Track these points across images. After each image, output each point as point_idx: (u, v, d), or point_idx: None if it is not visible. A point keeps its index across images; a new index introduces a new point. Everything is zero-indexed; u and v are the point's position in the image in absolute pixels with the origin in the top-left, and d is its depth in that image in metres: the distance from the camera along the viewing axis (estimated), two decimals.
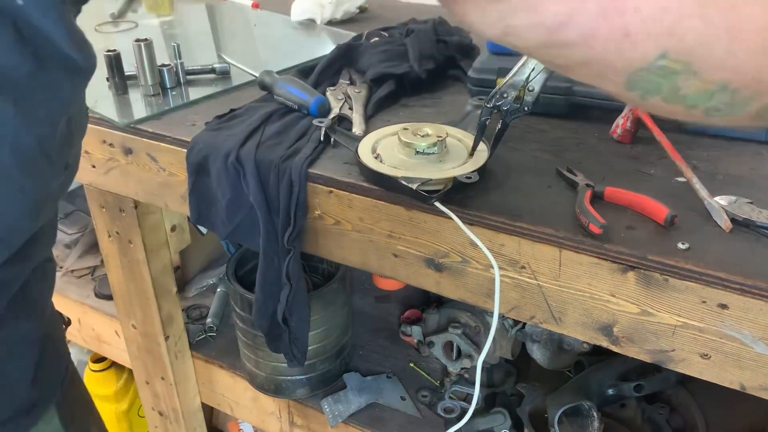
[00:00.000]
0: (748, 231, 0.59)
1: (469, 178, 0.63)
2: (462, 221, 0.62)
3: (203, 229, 1.13)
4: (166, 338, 1.01)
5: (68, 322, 0.65)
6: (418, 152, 0.68)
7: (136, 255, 0.94)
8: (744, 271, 0.54)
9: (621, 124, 0.75)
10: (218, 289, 1.16)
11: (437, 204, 0.63)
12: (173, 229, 0.96)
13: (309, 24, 1.17)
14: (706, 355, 0.58)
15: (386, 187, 0.66)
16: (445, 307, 1.00)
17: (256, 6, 1.27)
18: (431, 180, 0.63)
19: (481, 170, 0.66)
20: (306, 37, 1.13)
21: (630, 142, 0.75)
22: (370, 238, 0.70)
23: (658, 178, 0.68)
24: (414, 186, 0.62)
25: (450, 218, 0.63)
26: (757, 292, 0.53)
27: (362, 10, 1.21)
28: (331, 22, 1.17)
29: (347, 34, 1.09)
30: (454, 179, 0.63)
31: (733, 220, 0.59)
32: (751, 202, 0.61)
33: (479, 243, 0.62)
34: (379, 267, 0.72)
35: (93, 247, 1.28)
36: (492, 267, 0.63)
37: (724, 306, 0.55)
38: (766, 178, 0.68)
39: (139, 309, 1.00)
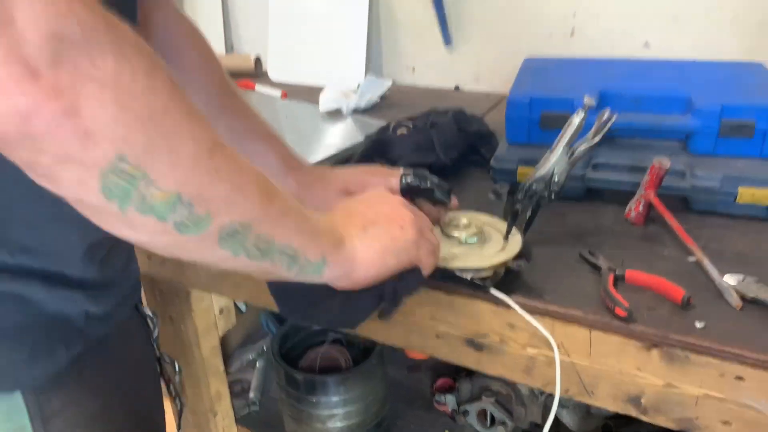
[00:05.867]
0: (758, 308, 0.66)
1: (519, 265, 0.71)
2: (499, 305, 0.70)
3: (242, 307, 1.21)
4: (215, 415, 1.07)
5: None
6: (461, 241, 0.75)
7: (189, 337, 1.01)
8: (756, 346, 0.61)
9: (634, 207, 0.83)
10: (257, 364, 1.22)
11: (494, 291, 0.70)
12: (221, 311, 1.04)
13: (336, 113, 1.26)
14: (728, 422, 0.64)
15: (441, 278, 0.72)
16: (477, 375, 1.06)
17: (284, 95, 1.37)
18: (483, 269, 0.70)
19: (523, 254, 0.73)
20: (334, 126, 1.23)
21: (643, 224, 0.83)
22: (413, 320, 0.78)
23: (671, 258, 0.76)
24: (469, 277, 0.70)
25: (488, 302, 0.70)
26: (764, 365, 0.60)
27: (383, 98, 1.31)
28: (356, 111, 1.27)
29: (373, 123, 1.18)
30: (505, 267, 0.71)
31: (742, 299, 0.67)
32: (758, 281, 0.68)
33: (540, 328, 0.68)
34: (422, 347, 0.79)
35: None
36: (530, 346, 0.70)
37: (740, 378, 0.62)
38: None
39: (189, 388, 1.06)
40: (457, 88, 1.43)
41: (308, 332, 1.06)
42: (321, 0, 1.44)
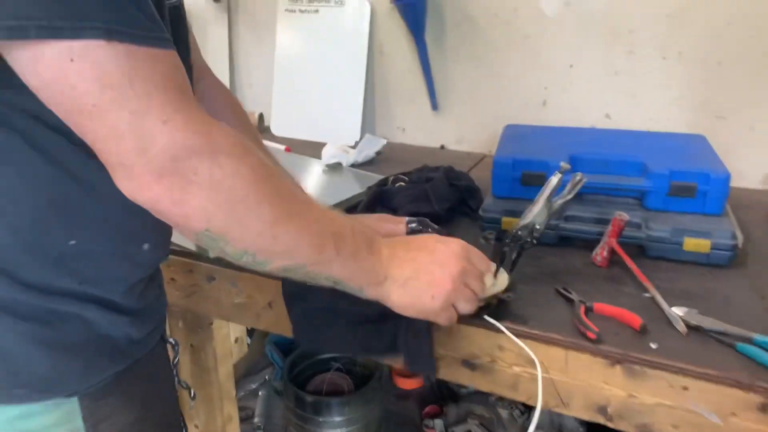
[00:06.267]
0: (699, 334, 0.82)
1: (509, 296, 0.85)
2: (490, 330, 0.84)
3: (247, 340, 1.32)
4: None
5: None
6: None
7: (208, 363, 1.12)
8: (698, 362, 0.76)
9: (599, 252, 0.99)
10: (260, 393, 1.33)
11: (488, 318, 0.85)
12: (236, 340, 1.16)
13: (336, 166, 1.42)
14: (677, 425, 0.79)
15: None
16: (463, 401, 1.19)
17: (288, 149, 1.52)
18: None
19: (510, 290, 0.88)
20: (334, 178, 1.38)
21: (607, 267, 0.99)
22: None
23: (631, 294, 0.91)
24: None
25: (481, 327, 0.85)
26: (708, 378, 0.75)
27: (378, 153, 1.47)
28: (354, 165, 1.42)
29: (370, 176, 1.34)
30: (497, 299, 0.85)
31: (687, 326, 0.82)
32: (699, 312, 0.84)
33: (526, 348, 0.81)
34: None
35: None
36: (517, 365, 0.84)
37: (686, 388, 0.77)
38: (709, 291, 0.92)
39: (203, 411, 1.16)
40: (442, 147, 1.60)
41: (313, 361, 1.18)
42: (322, 65, 1.61)
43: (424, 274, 0.76)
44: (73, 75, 0.54)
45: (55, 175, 0.65)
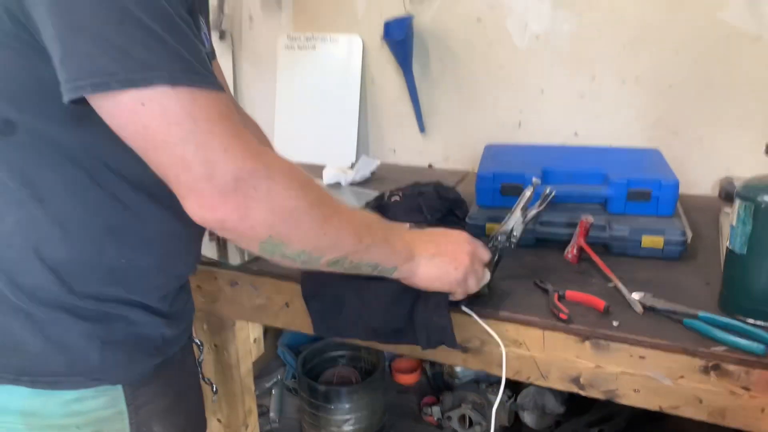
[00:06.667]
0: (654, 313, 0.98)
1: (485, 291, 1.01)
2: (479, 316, 0.99)
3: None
4: (246, 428, 1.31)
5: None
6: None
7: (230, 361, 1.26)
8: (652, 335, 0.92)
9: (570, 251, 1.16)
10: (273, 392, 1.47)
11: (464, 308, 1.00)
12: (254, 340, 1.30)
13: (336, 185, 1.57)
14: (637, 390, 0.94)
15: None
16: (457, 390, 1.34)
17: None
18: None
19: (490, 285, 1.04)
20: (337, 196, 1.52)
21: (577, 263, 1.15)
22: None
23: (597, 284, 1.07)
24: (452, 298, 0.99)
25: (471, 316, 1.00)
26: (661, 347, 0.91)
27: (373, 173, 1.64)
28: (352, 183, 1.58)
29: (367, 192, 1.50)
30: (477, 293, 1.01)
31: (644, 307, 0.98)
32: (654, 296, 1.01)
33: (488, 329, 0.98)
34: (423, 352, 1.07)
35: None
36: (500, 346, 1.00)
37: (643, 357, 0.92)
38: (663, 280, 1.07)
39: (226, 405, 1.30)
40: (430, 166, 1.77)
41: (323, 358, 1.32)
42: (320, 95, 1.77)
43: (445, 251, 0.92)
44: (145, 117, 0.65)
45: (112, 205, 0.79)
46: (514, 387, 1.41)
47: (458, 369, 1.41)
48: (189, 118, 0.66)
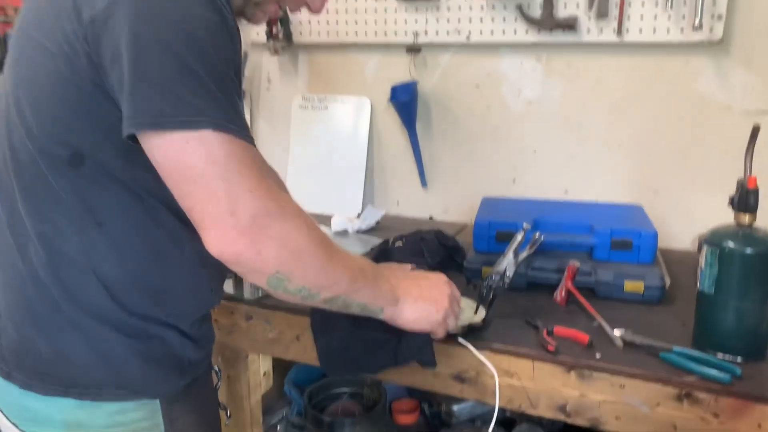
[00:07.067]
0: (633, 347, 1.08)
1: (480, 325, 1.11)
2: (474, 348, 1.09)
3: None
4: None
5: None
6: None
7: (241, 392, 1.35)
8: (631, 366, 1.02)
9: (559, 293, 1.26)
10: (278, 428, 1.54)
11: (460, 339, 1.10)
12: (264, 374, 1.39)
13: (343, 233, 1.69)
14: (618, 417, 1.03)
15: None
16: (454, 428, 1.42)
17: None
18: (458, 326, 1.10)
19: (485, 320, 1.14)
20: (344, 242, 1.65)
21: (565, 305, 1.26)
22: (416, 364, 1.16)
23: (583, 323, 1.17)
24: (450, 331, 1.09)
25: (467, 348, 1.10)
26: (639, 377, 1.01)
27: (378, 222, 1.76)
28: (358, 231, 1.70)
29: (372, 240, 1.61)
30: (469, 325, 1.11)
31: (624, 342, 1.08)
32: (633, 332, 1.11)
33: (484, 359, 1.08)
34: (423, 383, 1.16)
35: None
36: (495, 376, 1.09)
37: (623, 386, 1.02)
38: (643, 320, 1.17)
39: None
40: (430, 217, 1.89)
41: (328, 393, 1.41)
42: (330, 150, 1.91)
43: (428, 295, 1.02)
44: (188, 153, 0.76)
45: (159, 234, 0.90)
46: (508, 425, 1.48)
47: (455, 408, 1.49)
48: (225, 160, 0.77)
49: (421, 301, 1.01)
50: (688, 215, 1.61)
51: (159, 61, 0.75)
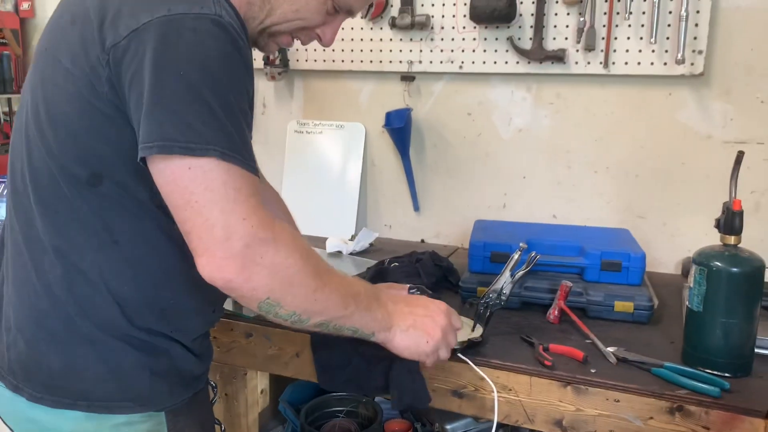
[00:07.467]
0: (625, 363, 1.12)
1: (479, 340, 1.15)
2: (473, 363, 1.12)
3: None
4: None
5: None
6: None
7: (239, 410, 1.36)
8: (623, 380, 1.06)
9: (552, 312, 1.30)
10: None
11: (459, 354, 1.13)
12: (262, 391, 1.40)
13: (337, 254, 1.72)
14: (612, 431, 1.07)
15: None
16: None
17: None
18: (457, 342, 1.13)
19: (483, 336, 1.17)
20: (338, 263, 1.67)
21: (558, 323, 1.30)
22: None
23: (576, 340, 1.21)
24: None
25: (467, 363, 1.13)
26: (633, 391, 1.04)
27: (371, 245, 1.79)
28: (352, 253, 1.73)
29: (365, 261, 1.64)
30: (469, 341, 1.15)
31: (617, 358, 1.12)
32: (626, 350, 1.15)
33: (483, 375, 1.11)
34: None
35: None
36: (493, 391, 1.12)
37: (617, 401, 1.06)
38: (633, 338, 1.22)
39: None
40: (422, 241, 1.93)
41: (324, 412, 1.42)
42: (324, 174, 1.95)
43: (421, 324, 1.02)
44: (188, 178, 0.79)
45: (171, 252, 0.92)
46: None
47: (447, 427, 1.52)
48: (222, 188, 0.80)
49: (413, 330, 1.01)
50: (672, 240, 1.67)
51: (173, 90, 0.79)
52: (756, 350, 1.09)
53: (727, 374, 1.05)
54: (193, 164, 0.79)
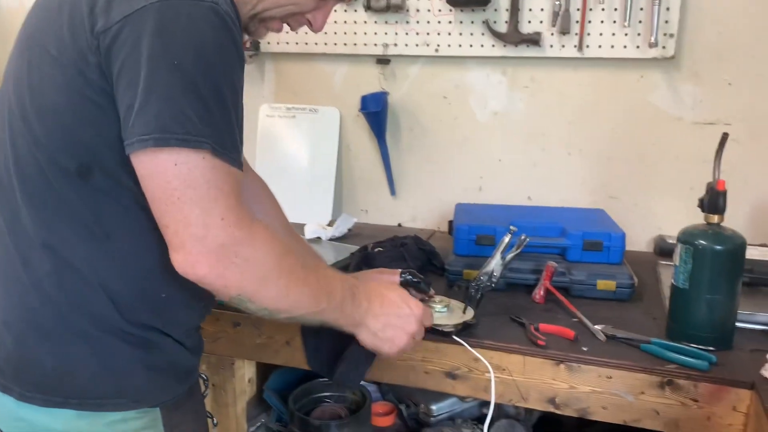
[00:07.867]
0: (614, 340, 1.15)
1: (473, 322, 1.16)
2: (469, 345, 1.14)
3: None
4: None
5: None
6: (437, 311, 1.19)
7: (227, 399, 1.34)
8: (614, 357, 1.09)
9: (538, 292, 1.33)
10: None
11: (454, 336, 1.14)
12: (249, 380, 1.38)
13: (317, 240, 1.71)
14: (605, 407, 1.10)
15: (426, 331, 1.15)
16: (433, 427, 1.45)
17: None
18: (452, 324, 1.15)
19: (474, 317, 1.19)
20: (318, 249, 1.66)
21: (544, 303, 1.32)
22: (410, 363, 1.19)
23: (563, 319, 1.24)
24: (445, 329, 1.14)
25: (461, 345, 1.14)
26: (624, 368, 1.08)
27: (350, 230, 1.78)
28: (331, 239, 1.72)
29: (346, 247, 1.63)
30: (464, 323, 1.16)
31: (606, 336, 1.15)
32: (613, 327, 1.18)
33: (479, 356, 1.13)
34: (415, 381, 1.20)
35: None
36: (488, 372, 1.14)
37: (609, 377, 1.09)
38: (617, 316, 1.25)
39: None
40: (399, 225, 1.93)
41: (312, 397, 1.42)
42: (299, 159, 1.92)
43: (390, 330, 1.02)
44: (172, 174, 0.77)
45: (163, 244, 0.86)
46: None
47: (433, 407, 1.53)
48: (205, 185, 0.79)
49: (381, 334, 1.01)
50: (644, 218, 1.72)
51: (169, 80, 0.77)
52: (737, 324, 1.14)
53: (711, 348, 1.09)
54: (180, 159, 0.77)
